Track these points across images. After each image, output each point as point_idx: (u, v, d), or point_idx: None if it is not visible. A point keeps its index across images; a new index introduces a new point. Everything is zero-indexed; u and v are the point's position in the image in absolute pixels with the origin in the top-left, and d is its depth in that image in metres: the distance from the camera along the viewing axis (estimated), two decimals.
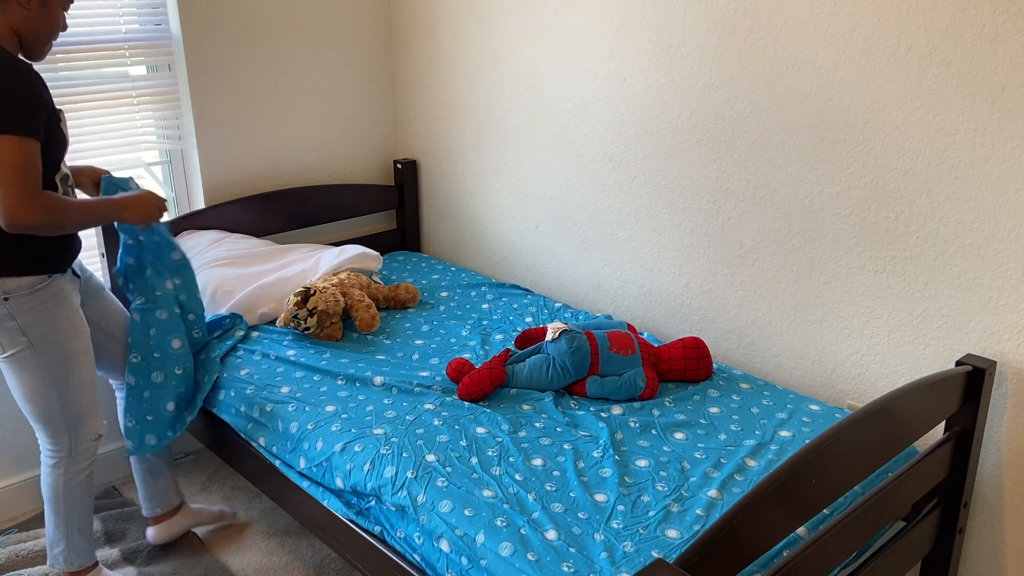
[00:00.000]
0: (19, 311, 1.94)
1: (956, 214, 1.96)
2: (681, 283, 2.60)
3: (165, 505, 2.47)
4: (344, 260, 2.76)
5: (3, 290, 1.92)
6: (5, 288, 1.92)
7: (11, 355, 1.99)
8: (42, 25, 1.92)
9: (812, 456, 1.44)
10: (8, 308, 1.93)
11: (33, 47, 1.95)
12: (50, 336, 2.00)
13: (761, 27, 2.20)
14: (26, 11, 1.88)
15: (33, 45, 1.95)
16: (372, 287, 2.74)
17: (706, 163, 2.42)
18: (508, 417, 2.07)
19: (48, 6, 1.92)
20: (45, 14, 1.92)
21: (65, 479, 2.13)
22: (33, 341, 1.98)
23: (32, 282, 1.95)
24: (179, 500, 2.51)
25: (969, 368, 1.89)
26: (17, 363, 2.00)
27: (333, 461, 1.97)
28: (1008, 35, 1.79)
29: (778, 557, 1.61)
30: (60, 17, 1.97)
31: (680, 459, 1.92)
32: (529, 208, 2.99)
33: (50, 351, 2.00)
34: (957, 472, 1.96)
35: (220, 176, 2.95)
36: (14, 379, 2.03)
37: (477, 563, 1.62)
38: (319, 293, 2.48)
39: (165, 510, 2.47)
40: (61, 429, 2.08)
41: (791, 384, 2.39)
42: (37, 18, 1.91)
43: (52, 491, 2.14)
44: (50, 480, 2.13)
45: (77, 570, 2.22)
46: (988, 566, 2.10)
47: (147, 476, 2.42)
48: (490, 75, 2.97)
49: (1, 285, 1.92)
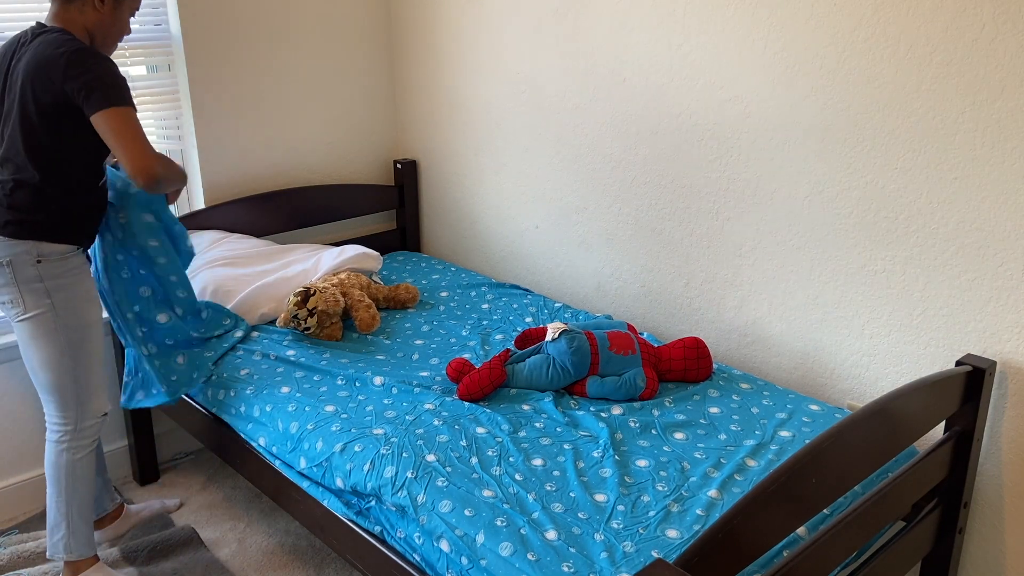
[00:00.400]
0: (48, 274, 2.04)
1: (956, 214, 1.96)
2: (681, 283, 2.60)
3: (99, 511, 2.49)
4: (344, 260, 2.76)
5: (38, 253, 2.03)
6: (40, 251, 2.03)
7: (32, 316, 2.05)
8: (112, 26, 2.09)
9: (812, 456, 1.44)
10: (39, 270, 2.03)
11: (103, 47, 2.10)
12: (72, 302, 2.08)
13: (761, 27, 2.20)
14: (99, 13, 2.05)
15: (103, 45, 2.10)
16: (372, 287, 2.74)
17: (706, 163, 2.42)
18: (508, 417, 2.07)
19: (119, 9, 2.08)
20: (116, 16, 2.08)
21: (68, 455, 2.16)
22: (56, 305, 2.06)
23: (64, 249, 2.06)
24: (113, 505, 2.53)
25: (969, 368, 1.89)
26: (37, 326, 2.06)
27: (333, 461, 1.97)
28: (1008, 35, 1.79)
29: (778, 557, 1.61)
30: (127, 21, 2.13)
31: (680, 459, 1.92)
32: (529, 208, 2.99)
33: (71, 317, 2.08)
34: (957, 472, 1.96)
35: (220, 176, 2.95)
36: (31, 344, 2.08)
37: (477, 563, 1.62)
38: (319, 293, 2.48)
39: (100, 515, 2.50)
40: (70, 401, 2.13)
41: (791, 384, 2.39)
42: (108, 20, 2.07)
43: (55, 468, 2.17)
44: (52, 457, 2.16)
45: (77, 560, 2.22)
46: (988, 566, 2.10)
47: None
48: (490, 75, 2.97)
49: (36, 248, 2.02)
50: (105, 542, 2.50)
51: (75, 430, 2.16)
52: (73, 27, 2.03)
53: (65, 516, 2.19)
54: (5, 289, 2.04)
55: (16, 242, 2.01)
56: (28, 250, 2.01)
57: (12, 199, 2.01)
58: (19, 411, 2.65)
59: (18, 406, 2.64)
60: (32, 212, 2.02)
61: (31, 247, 2.02)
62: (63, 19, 2.03)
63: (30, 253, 2.02)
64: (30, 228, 2.02)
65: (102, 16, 2.05)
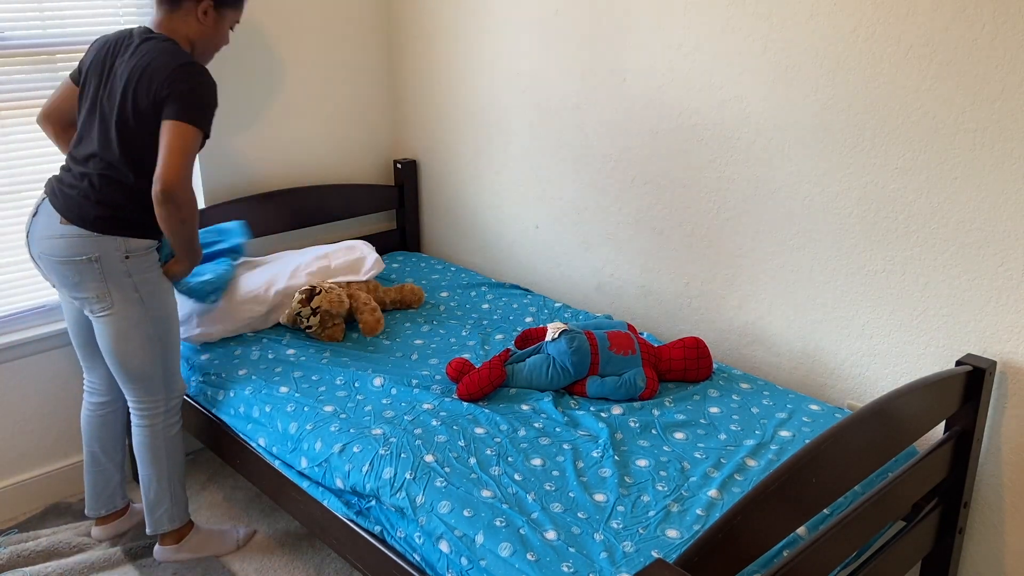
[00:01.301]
0: (136, 269, 2.12)
1: (956, 214, 1.96)
2: (681, 283, 2.60)
3: (109, 507, 2.52)
4: (339, 267, 2.73)
5: (126, 249, 2.10)
6: (128, 247, 2.10)
7: (121, 310, 2.12)
8: (212, 38, 2.19)
9: (812, 456, 1.44)
10: (127, 265, 2.10)
11: (202, 57, 2.20)
12: (157, 294, 2.17)
13: (761, 27, 2.20)
14: (201, 25, 2.14)
15: (202, 55, 2.20)
16: (380, 291, 2.73)
17: (706, 163, 2.42)
18: (507, 417, 2.07)
19: (221, 23, 2.18)
20: (217, 29, 2.18)
21: (164, 431, 2.28)
22: (144, 297, 2.13)
23: (147, 245, 2.14)
24: (124, 503, 2.55)
25: (969, 368, 1.89)
26: (127, 318, 2.13)
27: (332, 462, 1.97)
28: (1008, 35, 1.79)
29: (778, 557, 1.61)
30: (227, 33, 2.23)
31: (680, 459, 1.92)
32: (529, 208, 2.99)
33: (158, 307, 2.17)
34: (957, 472, 1.96)
35: (220, 176, 2.95)
36: (120, 335, 2.14)
37: (477, 563, 1.62)
38: (324, 293, 2.47)
39: (109, 512, 2.52)
40: (159, 384, 2.23)
41: (791, 384, 2.39)
42: (210, 31, 2.16)
43: (151, 449, 2.28)
44: (147, 439, 2.27)
45: (180, 527, 2.38)
46: (988, 566, 2.10)
47: (98, 478, 2.47)
48: (490, 75, 2.97)
49: (124, 244, 2.09)
50: (106, 540, 2.51)
51: (166, 410, 2.27)
52: (176, 36, 2.11)
53: (168, 489, 2.32)
54: (91, 284, 2.09)
55: (106, 238, 2.07)
56: (118, 246, 2.08)
57: (101, 194, 2.07)
58: (20, 411, 2.65)
59: (19, 406, 2.64)
60: (122, 209, 2.08)
61: (120, 243, 2.08)
62: (168, 28, 2.11)
63: (119, 249, 2.08)
64: (120, 224, 2.08)
65: (204, 28, 2.14)
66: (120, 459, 2.49)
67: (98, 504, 2.49)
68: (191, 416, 2.47)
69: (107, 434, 2.43)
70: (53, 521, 2.63)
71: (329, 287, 2.51)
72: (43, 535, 2.53)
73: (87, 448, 2.43)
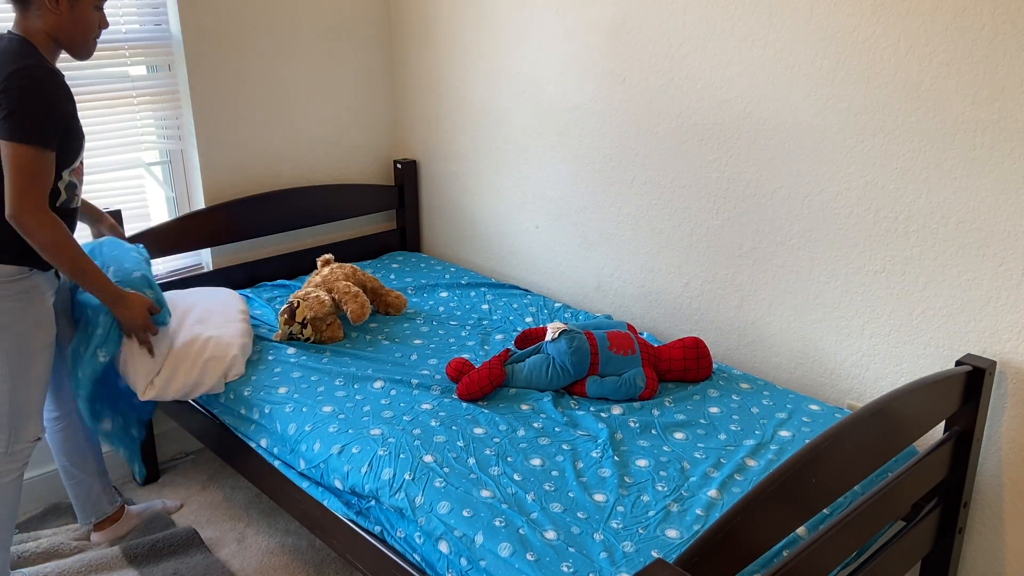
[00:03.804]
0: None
1: (956, 214, 1.96)
2: (681, 283, 2.60)
3: (99, 514, 2.48)
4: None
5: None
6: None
7: None
8: (74, 26, 1.96)
9: (812, 456, 1.44)
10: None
11: (71, 48, 1.99)
12: (15, 327, 1.98)
13: (761, 27, 2.19)
14: (56, 15, 1.92)
15: (71, 47, 1.99)
16: (358, 273, 2.73)
17: (706, 163, 2.42)
18: (506, 417, 2.07)
19: (77, 7, 1.95)
20: (75, 15, 1.95)
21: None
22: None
23: (11, 272, 1.96)
24: (112, 508, 2.51)
25: (969, 368, 1.89)
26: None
27: (331, 463, 1.97)
28: (1008, 35, 1.78)
29: (778, 557, 1.61)
30: (94, 16, 1.99)
31: (680, 459, 1.92)
32: (529, 208, 2.99)
33: (12, 342, 1.98)
34: (957, 472, 1.96)
35: (220, 176, 2.95)
36: None
37: (477, 564, 1.62)
38: (303, 303, 2.48)
39: (100, 518, 2.49)
40: (3, 425, 2.03)
41: (791, 384, 2.39)
42: (68, 20, 1.94)
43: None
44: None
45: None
46: (988, 566, 2.10)
47: (77, 489, 2.43)
48: (490, 75, 2.97)
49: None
50: (106, 542, 2.50)
51: (6, 453, 2.05)
52: (34, 34, 1.93)
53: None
54: None
55: None
56: None
57: None
58: None
59: None
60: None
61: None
62: (23, 27, 1.94)
63: None
64: None
65: (59, 18, 1.93)
66: (94, 468, 2.42)
67: (85, 513, 2.47)
68: (191, 416, 2.48)
69: (71, 447, 2.36)
70: (53, 522, 2.63)
71: (305, 294, 2.52)
72: (43, 536, 2.53)
73: (57, 463, 2.38)
